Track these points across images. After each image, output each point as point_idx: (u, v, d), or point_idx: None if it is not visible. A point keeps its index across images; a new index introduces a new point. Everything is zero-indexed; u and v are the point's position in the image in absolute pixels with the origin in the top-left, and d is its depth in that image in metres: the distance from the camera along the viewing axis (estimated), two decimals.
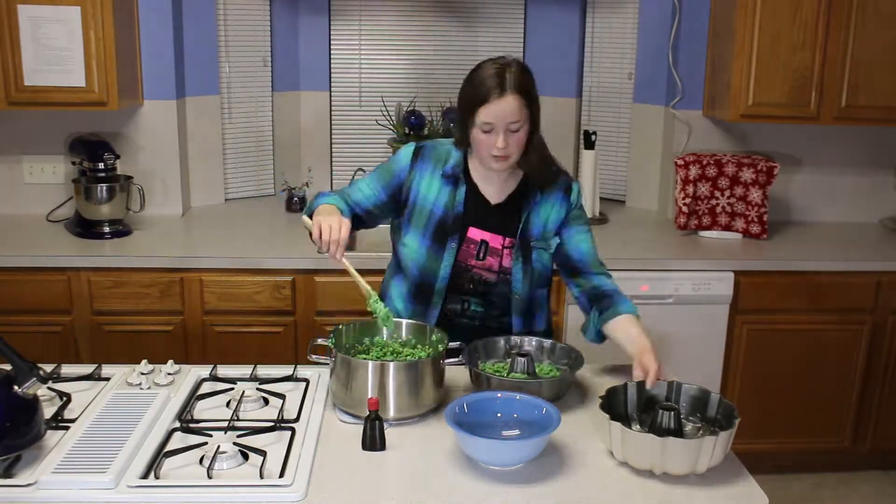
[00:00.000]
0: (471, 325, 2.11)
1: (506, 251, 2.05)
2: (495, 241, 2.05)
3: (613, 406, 1.72)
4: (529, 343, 2.03)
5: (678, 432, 1.62)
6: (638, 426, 1.73)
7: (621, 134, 3.82)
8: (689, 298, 3.08)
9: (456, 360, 1.89)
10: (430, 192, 2.05)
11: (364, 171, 3.38)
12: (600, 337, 2.05)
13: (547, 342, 2.03)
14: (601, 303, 2.04)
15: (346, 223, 1.88)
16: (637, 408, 1.77)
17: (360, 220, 2.10)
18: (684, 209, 3.38)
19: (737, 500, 1.56)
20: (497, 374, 1.88)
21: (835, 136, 3.61)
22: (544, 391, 1.82)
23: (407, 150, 2.09)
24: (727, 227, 3.41)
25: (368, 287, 1.92)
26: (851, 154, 3.67)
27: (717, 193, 3.39)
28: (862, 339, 3.22)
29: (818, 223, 3.69)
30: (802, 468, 3.41)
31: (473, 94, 1.92)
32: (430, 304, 2.08)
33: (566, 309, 3.06)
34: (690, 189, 3.36)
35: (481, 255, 2.05)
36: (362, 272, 1.95)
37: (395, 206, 2.09)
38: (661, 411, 1.64)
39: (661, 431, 1.60)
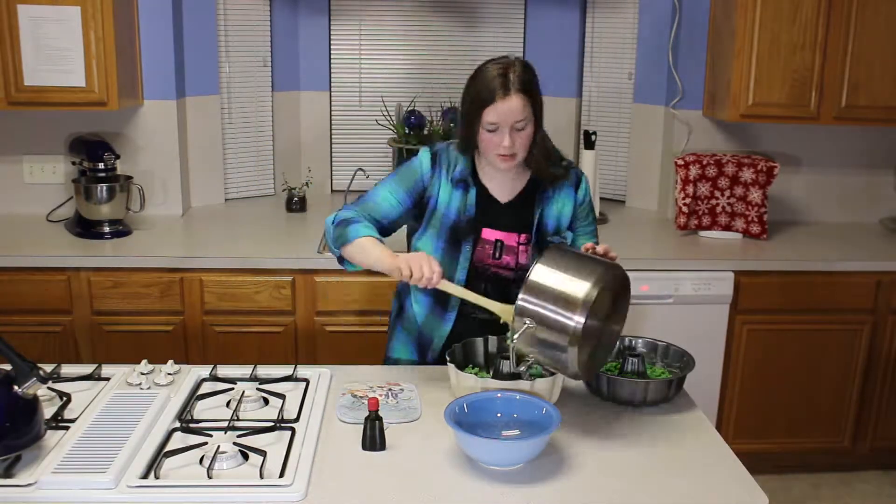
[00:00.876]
0: (488, 317, 2.07)
1: (521, 248, 2.08)
2: (510, 239, 2.08)
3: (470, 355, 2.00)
4: (643, 344, 2.05)
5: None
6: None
7: (621, 134, 3.82)
8: (689, 298, 3.08)
9: None
10: (445, 196, 2.07)
11: (364, 170, 3.38)
12: None
13: (661, 344, 2.04)
14: None
15: (435, 261, 1.88)
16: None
17: (385, 230, 2.09)
18: (684, 209, 3.38)
19: (737, 500, 1.56)
20: (608, 372, 1.90)
21: (835, 136, 3.61)
22: (651, 392, 1.85)
23: (424, 155, 2.08)
24: (727, 227, 3.41)
25: (494, 307, 1.90)
26: (851, 154, 3.66)
27: (717, 193, 3.39)
28: (862, 339, 3.22)
29: (818, 223, 3.69)
30: (802, 468, 3.41)
31: (478, 95, 1.94)
32: (447, 306, 2.10)
33: None
34: (690, 189, 3.36)
35: (497, 254, 2.07)
36: None
37: (418, 211, 2.10)
38: (501, 360, 1.88)
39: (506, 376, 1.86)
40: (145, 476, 1.54)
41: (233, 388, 1.91)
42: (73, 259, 2.92)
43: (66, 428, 1.70)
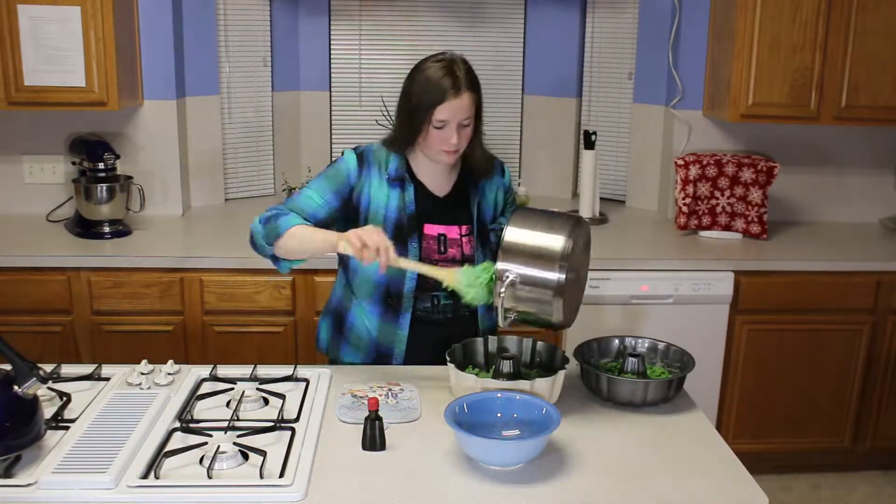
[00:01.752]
0: (442, 319, 2.11)
1: (464, 239, 2.10)
2: (452, 231, 2.09)
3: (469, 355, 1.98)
4: (643, 344, 2.04)
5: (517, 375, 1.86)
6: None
7: (621, 134, 3.82)
8: (689, 298, 3.08)
9: None
10: (381, 196, 2.06)
11: None
12: None
13: (661, 344, 2.04)
14: None
15: (379, 229, 1.84)
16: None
17: None
18: (684, 209, 3.38)
19: (737, 500, 1.56)
20: (608, 373, 1.91)
21: (835, 136, 3.61)
22: (651, 392, 1.85)
23: (350, 156, 2.08)
24: (727, 227, 3.41)
25: (444, 275, 1.89)
26: (851, 154, 3.67)
27: (717, 193, 3.39)
28: (862, 339, 3.22)
29: (818, 223, 3.69)
30: (802, 468, 3.41)
31: (428, 94, 1.96)
32: (400, 310, 2.08)
33: None
34: (690, 189, 3.36)
35: (442, 248, 2.08)
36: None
37: (346, 212, 2.07)
38: (501, 360, 1.86)
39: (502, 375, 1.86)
40: (145, 476, 1.54)
41: (233, 388, 1.91)
42: (73, 259, 2.93)
43: (66, 428, 1.70)
